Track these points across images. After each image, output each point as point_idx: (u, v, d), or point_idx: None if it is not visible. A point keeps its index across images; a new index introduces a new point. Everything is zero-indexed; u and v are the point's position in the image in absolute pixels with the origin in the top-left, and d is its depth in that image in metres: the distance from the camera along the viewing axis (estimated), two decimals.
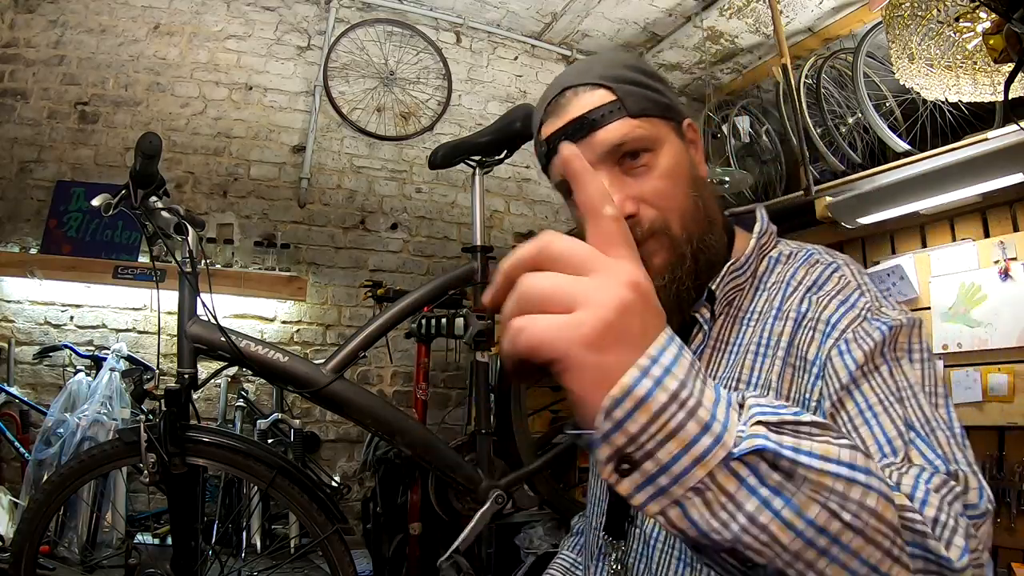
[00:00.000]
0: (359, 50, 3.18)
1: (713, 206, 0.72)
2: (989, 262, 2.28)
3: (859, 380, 0.57)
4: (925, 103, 2.76)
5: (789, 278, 0.68)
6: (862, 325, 0.59)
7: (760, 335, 0.66)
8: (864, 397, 0.56)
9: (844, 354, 0.58)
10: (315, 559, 2.06)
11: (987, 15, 1.57)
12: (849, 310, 0.61)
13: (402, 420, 1.40)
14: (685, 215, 0.68)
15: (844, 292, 0.63)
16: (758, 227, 0.74)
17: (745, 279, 0.71)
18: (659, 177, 0.68)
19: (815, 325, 0.62)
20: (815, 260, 0.69)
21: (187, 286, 1.28)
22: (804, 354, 0.62)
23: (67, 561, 1.95)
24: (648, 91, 0.70)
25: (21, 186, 2.58)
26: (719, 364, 0.69)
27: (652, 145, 0.68)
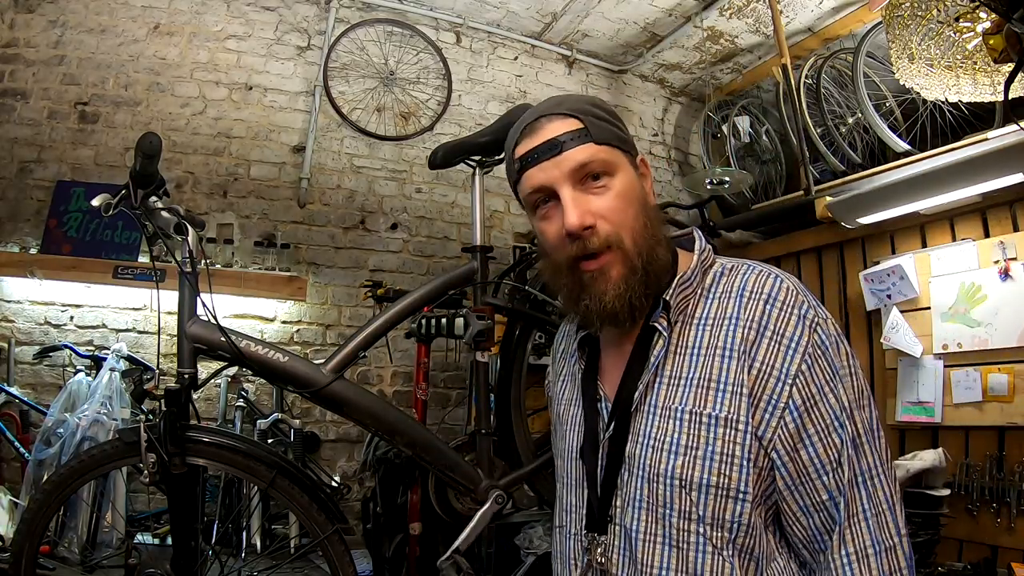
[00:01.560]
0: (359, 50, 3.18)
1: (660, 229, 0.83)
2: (989, 262, 2.28)
3: (825, 393, 0.73)
4: (925, 103, 2.76)
5: (741, 288, 0.79)
6: (814, 338, 0.74)
7: (725, 339, 0.77)
8: (832, 408, 0.73)
9: (811, 368, 0.73)
10: (315, 559, 2.06)
11: (987, 15, 1.57)
12: (804, 326, 0.74)
13: (402, 420, 1.40)
14: (636, 232, 0.79)
15: (796, 306, 0.75)
16: (698, 246, 0.85)
17: (692, 290, 0.82)
18: (615, 197, 0.79)
19: (780, 340, 0.74)
20: (759, 271, 0.79)
21: (187, 286, 1.28)
22: (771, 362, 0.74)
23: (67, 561, 1.95)
24: (610, 125, 0.82)
25: (21, 186, 2.57)
26: (683, 365, 0.79)
27: (611, 170, 0.80)
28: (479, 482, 1.44)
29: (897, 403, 2.50)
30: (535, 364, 2.56)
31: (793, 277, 0.79)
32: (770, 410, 0.73)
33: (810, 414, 0.72)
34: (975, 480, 2.18)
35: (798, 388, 0.72)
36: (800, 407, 0.72)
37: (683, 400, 0.76)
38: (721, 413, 0.74)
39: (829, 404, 0.72)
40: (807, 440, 0.72)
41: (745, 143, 3.58)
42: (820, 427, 0.72)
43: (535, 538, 2.42)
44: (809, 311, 0.75)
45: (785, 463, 0.73)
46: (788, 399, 0.72)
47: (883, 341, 2.54)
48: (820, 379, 0.73)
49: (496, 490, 1.43)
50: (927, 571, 2.03)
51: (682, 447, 0.75)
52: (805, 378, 0.73)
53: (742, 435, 0.73)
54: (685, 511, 0.74)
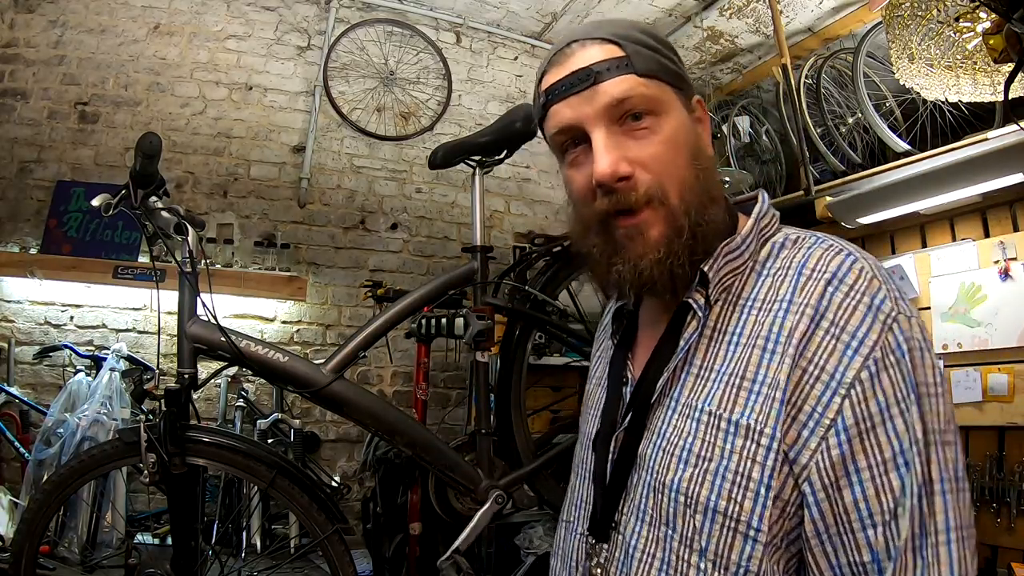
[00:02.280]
0: (359, 50, 3.18)
1: (716, 184, 0.67)
2: (989, 262, 2.28)
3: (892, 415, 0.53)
4: (925, 103, 2.76)
5: (800, 265, 0.61)
6: (887, 338, 0.55)
7: (768, 328, 0.60)
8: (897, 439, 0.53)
9: (874, 377, 0.54)
10: (315, 559, 2.06)
11: (987, 15, 1.57)
12: (875, 319, 0.55)
13: (402, 420, 1.40)
14: (684, 186, 0.64)
15: (868, 292, 0.57)
16: (757, 208, 0.69)
17: (743, 262, 0.65)
18: (661, 142, 0.64)
19: (838, 334, 0.56)
20: (828, 245, 0.61)
21: (187, 286, 1.28)
22: (822, 363, 0.56)
23: (67, 561, 1.95)
24: (659, 55, 0.66)
25: (21, 186, 2.58)
26: (717, 355, 0.63)
27: (657, 108, 0.64)
28: (479, 482, 1.44)
29: None
30: (535, 364, 2.57)
31: (873, 259, 0.61)
32: (811, 426, 0.55)
33: (864, 440, 0.53)
34: (975, 480, 2.18)
35: (852, 402, 0.54)
36: (852, 428, 0.53)
37: (708, 398, 0.62)
38: (744, 420, 0.58)
39: (895, 431, 0.53)
40: (854, 476, 0.53)
41: (745, 143, 3.58)
42: (876, 460, 0.53)
43: (535, 538, 2.42)
44: (886, 301, 0.56)
45: (819, 501, 0.54)
46: (837, 415, 0.54)
47: None
48: (887, 394, 0.53)
49: (496, 490, 1.43)
50: None
51: (694, 456, 0.60)
52: (864, 390, 0.54)
53: (764, 452, 0.56)
54: (687, 537, 0.60)
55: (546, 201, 3.57)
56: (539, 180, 3.57)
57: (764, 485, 0.56)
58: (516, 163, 3.46)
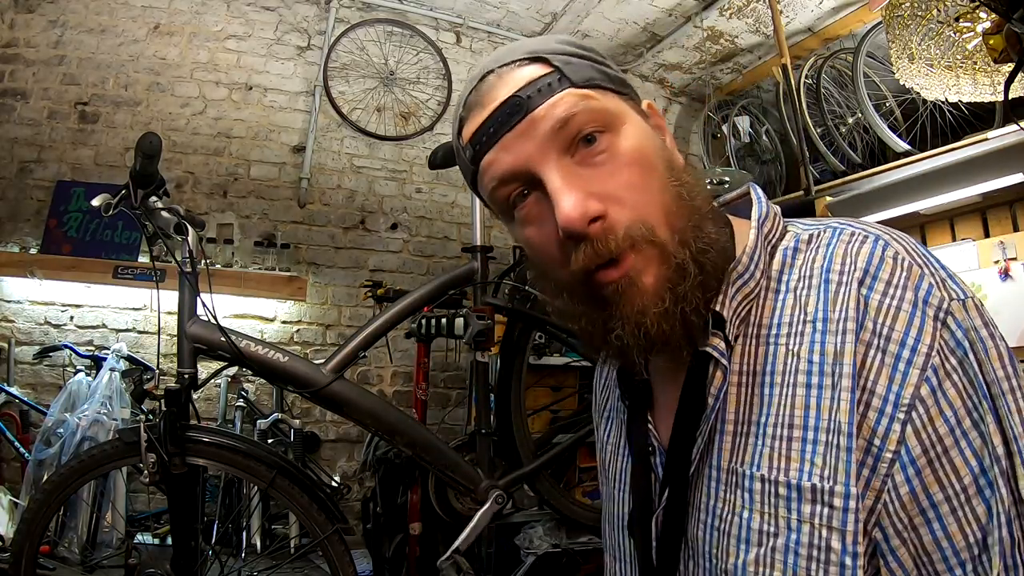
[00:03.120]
0: (359, 50, 3.18)
1: (705, 197, 0.55)
2: (989, 262, 2.28)
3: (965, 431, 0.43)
4: (925, 103, 2.76)
5: (825, 270, 0.50)
6: (943, 337, 0.45)
7: (807, 359, 0.48)
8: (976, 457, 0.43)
9: (937, 391, 0.44)
10: (315, 559, 2.06)
11: (987, 15, 1.57)
12: (925, 317, 0.45)
13: (402, 420, 1.40)
14: (669, 211, 0.51)
15: (909, 285, 0.46)
16: (756, 213, 0.56)
17: (756, 284, 0.53)
18: (627, 164, 0.50)
19: (884, 345, 0.45)
20: (851, 234, 0.51)
21: (187, 286, 1.28)
22: (872, 387, 0.45)
23: (67, 561, 1.95)
24: (592, 62, 0.54)
25: (21, 186, 2.58)
26: (752, 405, 0.51)
27: (609, 123, 0.51)
28: (479, 482, 1.44)
29: None
30: (535, 364, 2.57)
31: (907, 238, 0.50)
32: (870, 463, 0.45)
33: (937, 469, 0.43)
34: None
35: (916, 427, 0.44)
36: (920, 459, 0.44)
37: (753, 460, 0.50)
38: (806, 480, 0.47)
39: (972, 450, 0.43)
40: (931, 511, 0.44)
41: (745, 143, 3.59)
42: (954, 490, 0.43)
43: (535, 538, 2.42)
44: (932, 291, 0.46)
45: (894, 549, 0.45)
46: (899, 445, 0.44)
47: None
48: (955, 407, 0.44)
49: (496, 490, 1.43)
50: None
51: (754, 533, 0.49)
52: (928, 408, 0.44)
53: (842, 515, 0.45)
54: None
55: None
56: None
57: (848, 554, 0.44)
58: None
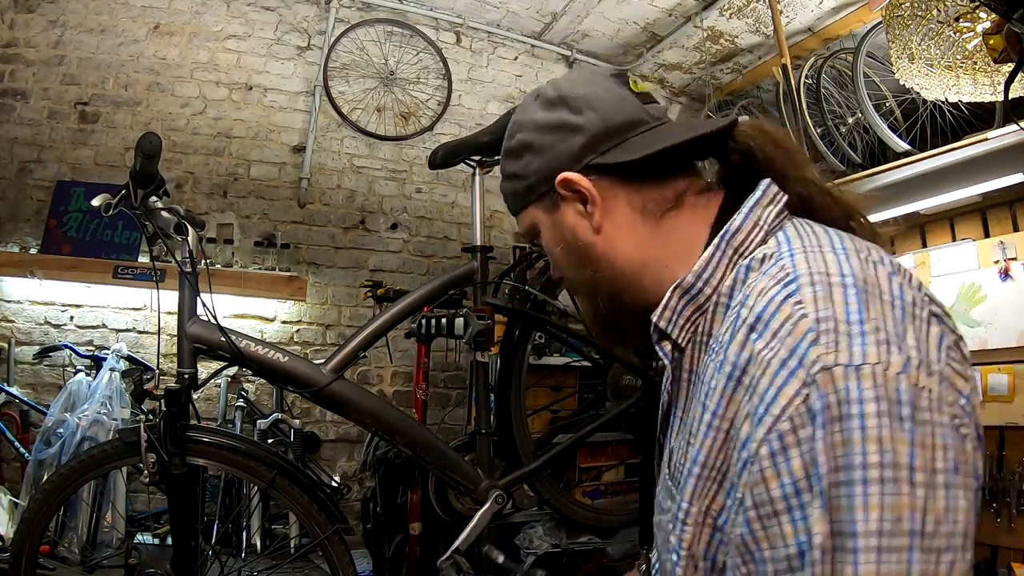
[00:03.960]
0: (359, 50, 3.18)
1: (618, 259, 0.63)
2: (989, 262, 2.29)
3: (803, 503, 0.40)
4: (925, 103, 2.76)
5: (742, 303, 0.50)
6: (804, 400, 0.41)
7: (712, 377, 0.51)
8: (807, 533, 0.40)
9: (776, 456, 0.42)
10: (315, 559, 2.06)
11: (987, 15, 1.57)
12: (789, 374, 0.42)
13: (402, 420, 1.40)
14: (573, 282, 0.69)
15: (791, 337, 0.43)
16: (726, 227, 0.56)
17: (707, 299, 0.56)
18: (549, 255, 0.71)
19: (751, 396, 0.45)
20: (777, 271, 0.49)
21: (187, 286, 1.28)
22: (737, 433, 0.46)
23: (67, 561, 1.95)
24: (513, 182, 0.70)
25: (21, 186, 2.58)
26: (690, 400, 0.57)
27: (534, 232, 0.71)
28: (479, 482, 1.44)
29: None
30: (535, 364, 2.56)
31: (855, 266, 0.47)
32: (730, 498, 0.47)
33: (768, 527, 0.42)
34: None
35: (750, 482, 0.43)
36: (751, 511, 0.43)
37: (676, 449, 0.58)
38: (678, 475, 0.54)
39: (804, 524, 0.40)
40: (759, 564, 0.43)
41: None
42: (779, 555, 0.42)
43: (535, 538, 2.42)
44: (810, 350, 0.42)
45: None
46: (745, 491, 0.44)
47: None
48: (796, 477, 0.41)
49: (496, 490, 1.43)
50: None
51: (659, 503, 0.60)
52: (764, 468, 0.42)
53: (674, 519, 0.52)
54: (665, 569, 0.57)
55: None
56: None
57: (675, 551, 0.52)
58: None
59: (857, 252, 0.49)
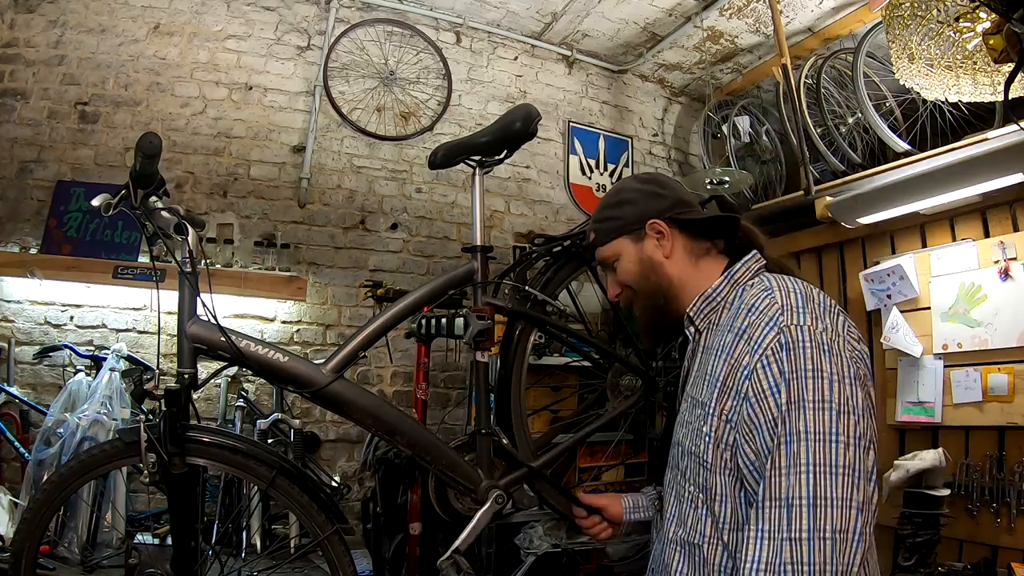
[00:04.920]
0: (359, 50, 3.18)
1: (665, 282, 1.06)
2: (989, 262, 2.28)
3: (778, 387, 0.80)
4: (925, 103, 2.76)
5: (742, 301, 0.92)
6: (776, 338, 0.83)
7: (719, 343, 0.93)
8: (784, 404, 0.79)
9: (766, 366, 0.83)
10: (315, 559, 2.06)
11: (987, 15, 1.57)
12: (769, 328, 0.84)
13: (402, 420, 1.40)
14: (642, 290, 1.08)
15: (768, 311, 0.86)
16: (732, 268, 1.02)
17: (718, 303, 1.01)
18: (622, 273, 1.10)
19: (749, 340, 0.86)
20: (762, 286, 0.92)
21: (187, 286, 1.28)
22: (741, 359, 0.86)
23: (67, 561, 1.95)
24: (609, 223, 1.11)
25: (21, 186, 2.58)
26: (703, 362, 0.97)
27: (614, 259, 1.11)
28: (479, 482, 1.43)
29: (897, 403, 2.50)
30: (535, 364, 2.56)
31: (800, 288, 0.89)
32: (735, 397, 0.86)
33: (760, 404, 0.81)
34: (975, 480, 2.18)
35: (752, 382, 0.83)
36: (753, 399, 0.82)
37: (695, 390, 0.96)
38: (700, 398, 0.93)
39: (775, 400, 0.80)
40: (758, 428, 0.81)
41: (745, 143, 3.58)
42: (768, 417, 0.80)
43: (535, 538, 2.42)
44: (780, 315, 0.84)
45: (744, 443, 0.84)
46: (746, 391, 0.84)
47: (883, 341, 2.54)
48: (773, 375, 0.81)
49: (496, 490, 1.43)
50: (927, 571, 2.03)
51: (684, 422, 0.97)
52: (758, 372, 0.82)
53: (704, 414, 0.90)
54: (682, 470, 0.96)
55: (546, 201, 3.57)
56: (539, 180, 3.57)
57: (707, 434, 0.89)
58: (516, 163, 3.46)
59: (802, 283, 0.93)
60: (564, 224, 3.49)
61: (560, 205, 3.60)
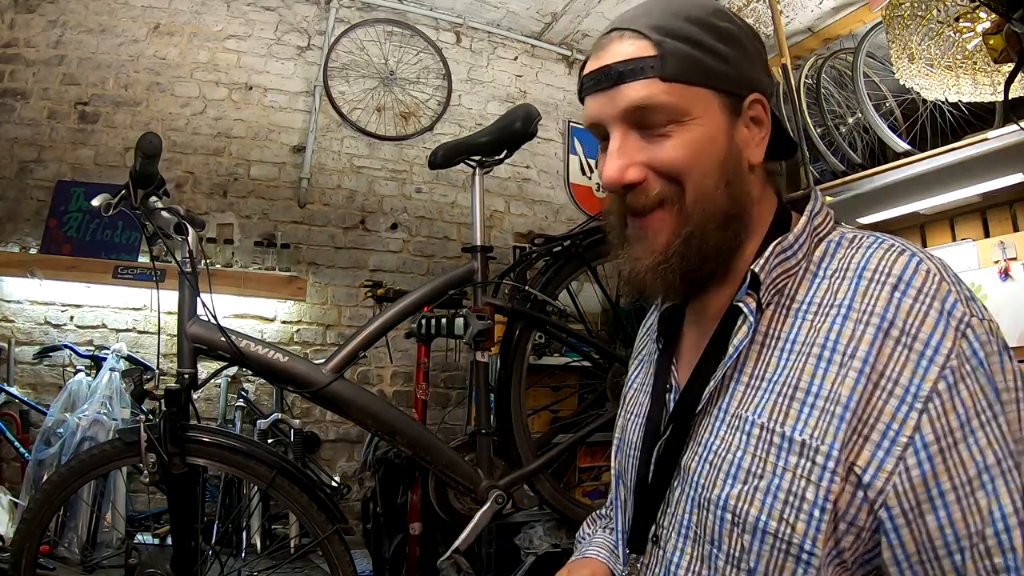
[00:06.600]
0: (359, 50, 3.18)
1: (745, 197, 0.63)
2: (989, 262, 2.28)
3: (973, 428, 0.49)
4: (925, 103, 2.76)
5: (860, 267, 0.57)
6: (962, 345, 0.51)
7: (825, 336, 0.55)
8: (981, 454, 0.49)
9: (952, 388, 0.50)
10: (315, 559, 2.06)
11: (987, 15, 1.57)
12: (948, 326, 0.51)
13: (402, 420, 1.40)
14: (701, 196, 0.60)
15: (939, 297, 0.52)
16: (810, 206, 0.64)
17: (796, 263, 0.61)
18: (679, 147, 0.60)
19: (910, 343, 0.51)
20: (890, 246, 0.57)
21: (187, 286, 1.28)
22: (896, 377, 0.51)
23: (67, 561, 1.95)
24: (703, 53, 0.60)
25: (21, 186, 2.58)
26: (769, 363, 0.59)
27: (680, 116, 0.59)
28: (479, 482, 1.44)
29: None
30: (535, 364, 2.56)
31: (940, 259, 0.57)
32: (886, 446, 0.50)
33: (947, 459, 0.49)
34: None
35: (931, 417, 0.49)
36: (932, 446, 0.49)
37: (758, 409, 0.57)
38: (798, 435, 0.54)
39: (978, 446, 0.49)
40: (938, 499, 0.49)
41: None
42: (960, 480, 0.49)
43: (535, 538, 2.41)
44: (957, 306, 0.52)
45: (899, 527, 0.50)
46: (915, 431, 0.50)
47: None
48: (967, 406, 0.49)
49: (496, 490, 1.43)
50: None
51: (743, 471, 0.56)
52: (943, 402, 0.50)
53: (820, 472, 0.52)
54: (734, 557, 0.56)
55: (546, 201, 3.57)
56: (539, 180, 3.57)
57: (818, 507, 0.52)
58: (516, 163, 3.46)
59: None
60: (564, 224, 3.48)
61: (560, 205, 3.60)
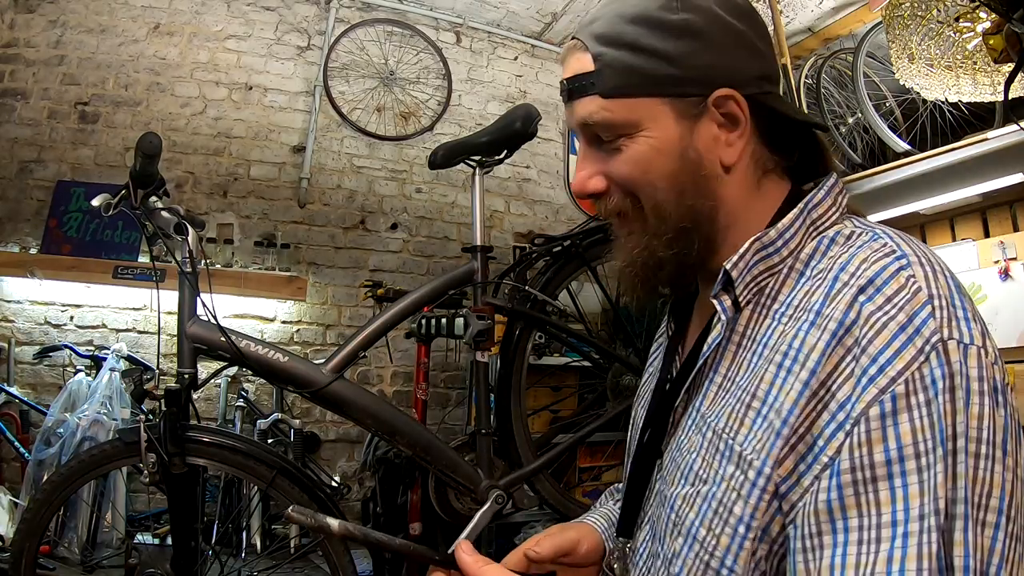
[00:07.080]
0: (359, 50, 3.18)
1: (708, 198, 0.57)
2: (989, 262, 2.28)
3: (905, 470, 0.41)
4: (925, 103, 2.76)
5: (840, 268, 0.49)
6: (919, 368, 0.42)
7: (788, 343, 0.49)
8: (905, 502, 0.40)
9: (887, 417, 0.41)
10: (315, 559, 2.06)
11: (987, 15, 1.57)
12: (907, 341, 0.43)
13: (402, 420, 1.40)
14: (657, 205, 0.57)
15: (905, 305, 0.44)
16: (811, 196, 0.57)
17: (781, 260, 0.55)
18: (628, 162, 0.57)
19: (859, 355, 0.44)
20: (882, 245, 0.49)
21: (187, 286, 1.28)
22: (835, 390, 0.45)
23: (67, 561, 1.95)
24: (644, 58, 0.55)
25: (21, 186, 2.58)
26: (741, 365, 0.54)
27: (627, 130, 0.56)
28: (479, 482, 1.44)
29: None
30: (535, 364, 2.57)
31: (943, 270, 0.49)
32: (809, 460, 0.45)
33: (860, 494, 0.42)
34: None
35: (852, 444, 0.42)
36: (846, 475, 0.42)
37: (718, 413, 0.53)
38: (739, 447, 0.49)
39: (904, 491, 0.40)
40: (840, 534, 0.42)
41: None
42: (870, 523, 0.41)
43: None
44: (929, 322, 0.43)
45: (796, 551, 0.44)
46: (837, 453, 0.43)
47: None
48: (904, 443, 0.41)
49: (496, 490, 1.43)
50: None
51: (693, 474, 0.54)
52: (870, 431, 0.42)
53: (749, 487, 0.47)
54: (667, 559, 0.54)
55: (546, 201, 3.57)
56: (539, 180, 3.57)
57: (744, 523, 0.47)
58: (516, 163, 3.46)
59: (922, 244, 0.52)
60: (564, 224, 3.49)
61: (560, 205, 3.60)
